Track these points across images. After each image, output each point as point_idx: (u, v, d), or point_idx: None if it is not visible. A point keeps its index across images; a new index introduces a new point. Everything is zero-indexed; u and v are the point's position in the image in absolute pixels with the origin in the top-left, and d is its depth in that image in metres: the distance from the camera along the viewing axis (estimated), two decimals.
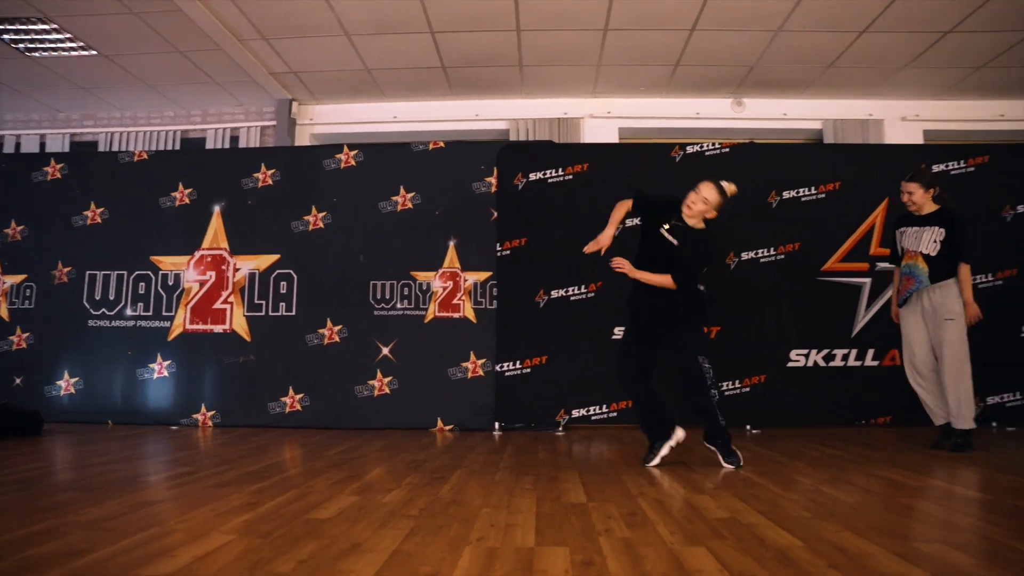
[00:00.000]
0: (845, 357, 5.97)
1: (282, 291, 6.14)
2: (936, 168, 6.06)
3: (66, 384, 6.18)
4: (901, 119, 6.89)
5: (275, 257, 6.17)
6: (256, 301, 6.16)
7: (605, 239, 4.15)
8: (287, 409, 5.96)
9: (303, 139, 7.12)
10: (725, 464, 3.87)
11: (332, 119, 7.03)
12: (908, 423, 5.82)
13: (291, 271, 6.15)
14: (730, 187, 4.10)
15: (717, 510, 2.78)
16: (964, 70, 6.30)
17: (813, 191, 6.06)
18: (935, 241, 4.55)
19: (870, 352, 5.95)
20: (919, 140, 6.85)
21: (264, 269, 6.17)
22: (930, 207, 4.66)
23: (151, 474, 3.82)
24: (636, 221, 5.01)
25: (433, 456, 4.32)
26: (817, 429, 5.73)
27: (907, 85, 6.61)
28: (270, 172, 6.27)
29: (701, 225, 4.07)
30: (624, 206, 4.27)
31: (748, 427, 5.73)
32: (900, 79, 6.47)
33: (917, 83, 6.57)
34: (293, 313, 6.09)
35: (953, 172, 6.08)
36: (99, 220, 6.37)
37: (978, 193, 5.79)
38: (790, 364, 5.94)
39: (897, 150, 6.34)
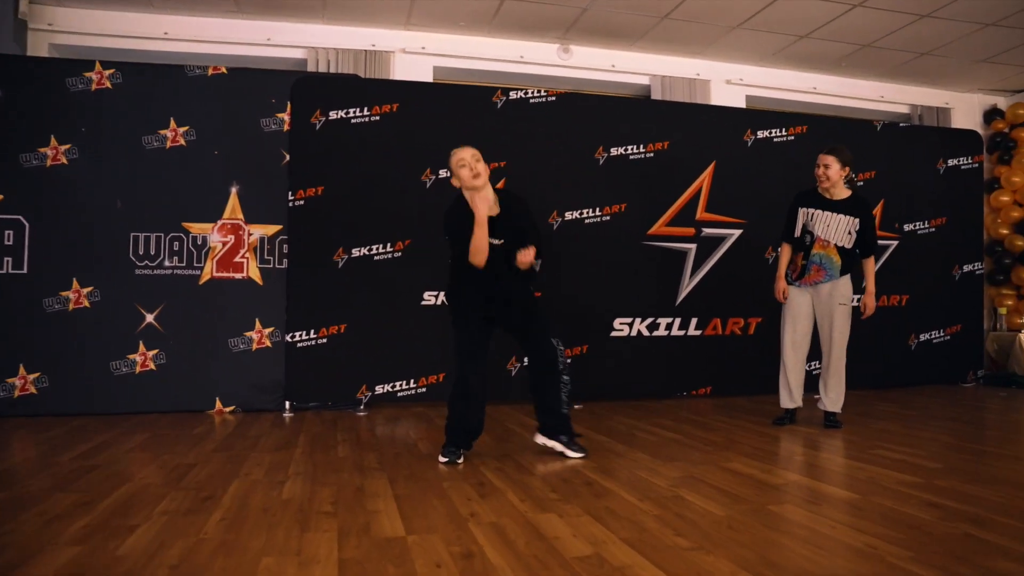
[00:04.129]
0: (669, 326, 5.72)
1: (7, 242, 4.83)
2: (761, 135, 5.94)
3: None
4: (726, 82, 6.73)
5: None
6: None
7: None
8: (16, 392, 4.73)
9: (39, 50, 5.61)
10: (571, 454, 3.46)
11: (81, 27, 5.57)
12: (727, 394, 5.74)
13: (20, 217, 4.84)
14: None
15: (574, 541, 2.20)
16: (788, 38, 6.20)
17: (642, 149, 5.69)
18: (849, 232, 4.32)
19: (693, 321, 5.75)
20: (742, 104, 6.74)
21: None
22: (842, 191, 4.39)
23: None
24: None
25: (206, 456, 3.43)
26: (639, 402, 5.45)
27: (734, 48, 6.43)
28: None
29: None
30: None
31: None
32: (728, 41, 6.28)
33: (743, 47, 6.41)
34: (24, 271, 4.82)
35: (775, 139, 5.99)
36: None
37: (796, 161, 5.66)
38: (613, 334, 5.60)
39: (726, 113, 6.12)
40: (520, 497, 2.73)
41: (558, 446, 3.48)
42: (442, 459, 3.37)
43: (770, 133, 5.97)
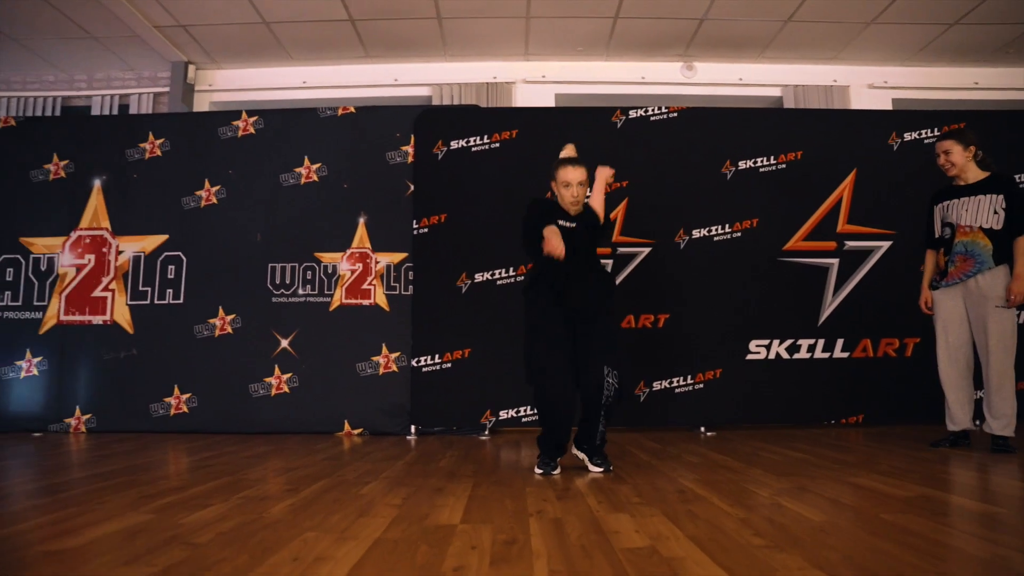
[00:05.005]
0: (811, 348, 5.27)
1: (169, 276, 5.33)
2: (908, 136, 5.44)
3: None
4: (868, 86, 6.26)
5: (163, 238, 5.38)
6: (141, 288, 5.35)
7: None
8: (172, 411, 5.15)
9: (203, 107, 6.32)
10: (593, 468, 3.30)
11: (235, 85, 6.23)
12: (882, 422, 5.17)
13: (180, 253, 5.34)
14: (567, 150, 3.64)
15: (633, 535, 2.02)
16: (935, 27, 5.64)
17: (772, 160, 5.38)
18: (996, 211, 3.77)
19: (839, 342, 5.27)
20: (888, 108, 6.21)
21: (151, 252, 5.37)
22: (976, 173, 3.89)
23: None
24: None
25: (313, 463, 3.53)
26: (780, 429, 5.04)
27: (873, 47, 5.97)
28: (159, 142, 5.48)
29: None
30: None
31: (702, 429, 5.04)
32: (866, 39, 5.83)
33: (884, 44, 5.93)
34: (181, 301, 5.29)
35: (926, 140, 5.45)
36: None
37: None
38: (749, 356, 5.24)
39: (865, 116, 5.67)
40: (599, 499, 2.56)
41: (584, 458, 3.38)
42: (537, 471, 3.27)
43: (919, 134, 5.44)
